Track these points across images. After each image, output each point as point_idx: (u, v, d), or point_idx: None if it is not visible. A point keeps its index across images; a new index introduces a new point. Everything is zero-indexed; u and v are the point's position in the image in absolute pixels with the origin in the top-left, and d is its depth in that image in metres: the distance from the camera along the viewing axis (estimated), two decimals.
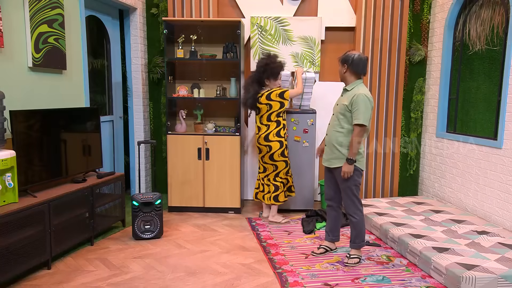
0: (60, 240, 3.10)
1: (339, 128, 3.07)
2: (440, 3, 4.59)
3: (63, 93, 3.60)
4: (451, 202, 4.41)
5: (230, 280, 2.89)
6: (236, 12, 4.83)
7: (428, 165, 4.85)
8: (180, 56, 4.47)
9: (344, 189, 3.12)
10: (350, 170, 3.00)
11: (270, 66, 3.96)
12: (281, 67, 4.03)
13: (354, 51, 3.11)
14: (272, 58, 4.01)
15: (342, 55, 3.11)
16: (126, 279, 2.89)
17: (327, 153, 3.19)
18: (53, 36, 3.38)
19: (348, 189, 3.10)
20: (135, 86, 4.83)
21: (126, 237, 3.73)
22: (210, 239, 3.72)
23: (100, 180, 3.60)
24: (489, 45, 3.97)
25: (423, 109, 4.92)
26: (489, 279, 2.61)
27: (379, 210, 4.08)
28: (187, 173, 4.45)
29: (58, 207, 3.05)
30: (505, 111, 3.60)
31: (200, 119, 4.74)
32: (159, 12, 4.85)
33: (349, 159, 2.99)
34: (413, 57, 4.78)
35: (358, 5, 4.62)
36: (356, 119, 2.95)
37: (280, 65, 4.02)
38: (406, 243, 3.26)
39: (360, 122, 2.93)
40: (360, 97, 2.94)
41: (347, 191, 3.11)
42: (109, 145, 4.69)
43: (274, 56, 4.03)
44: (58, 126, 3.29)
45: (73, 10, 3.70)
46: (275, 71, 3.99)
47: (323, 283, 2.85)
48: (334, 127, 3.11)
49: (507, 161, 3.58)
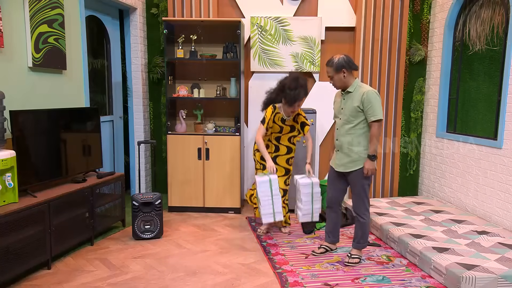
0: (60, 240, 3.10)
1: (352, 130, 3.06)
2: (440, 3, 4.59)
3: (63, 93, 3.60)
4: (451, 202, 4.41)
5: (230, 280, 2.89)
6: (236, 12, 4.83)
7: (428, 165, 4.85)
8: (180, 56, 4.47)
9: (359, 190, 3.11)
10: (373, 167, 3.01)
11: (286, 92, 3.47)
12: (296, 98, 3.44)
13: (335, 55, 3.07)
14: (293, 82, 3.45)
15: (332, 65, 3.03)
16: (126, 279, 2.89)
17: (341, 158, 3.14)
18: (53, 36, 3.38)
19: (362, 189, 3.09)
20: (135, 86, 4.83)
21: (126, 237, 3.73)
22: (210, 239, 3.72)
23: (100, 180, 3.60)
24: (489, 45, 3.97)
25: (423, 109, 4.92)
26: (489, 279, 2.61)
27: (379, 210, 4.08)
28: (187, 173, 4.45)
29: (58, 207, 3.05)
30: (505, 111, 3.60)
31: (200, 119, 4.74)
32: (159, 12, 4.86)
33: (371, 156, 3.00)
34: (413, 57, 4.77)
35: (358, 5, 4.62)
36: (373, 115, 2.97)
37: (296, 95, 3.43)
38: (406, 243, 3.26)
39: (378, 117, 2.96)
40: (370, 93, 2.97)
41: (360, 191, 3.10)
42: (109, 145, 4.69)
43: (295, 82, 3.45)
44: (58, 126, 3.29)
45: (73, 10, 3.70)
46: (289, 98, 3.46)
47: (323, 283, 2.85)
48: (346, 130, 3.08)
49: (507, 161, 3.58)
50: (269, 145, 3.76)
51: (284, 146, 3.74)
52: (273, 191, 3.39)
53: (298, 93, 3.45)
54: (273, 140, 3.74)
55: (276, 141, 3.74)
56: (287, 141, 3.74)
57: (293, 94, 3.44)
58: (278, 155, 3.74)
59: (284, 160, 3.75)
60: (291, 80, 3.49)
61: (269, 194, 3.39)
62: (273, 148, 3.75)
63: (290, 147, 3.75)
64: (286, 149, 3.74)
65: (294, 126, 3.71)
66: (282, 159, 3.74)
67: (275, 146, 3.74)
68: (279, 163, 3.75)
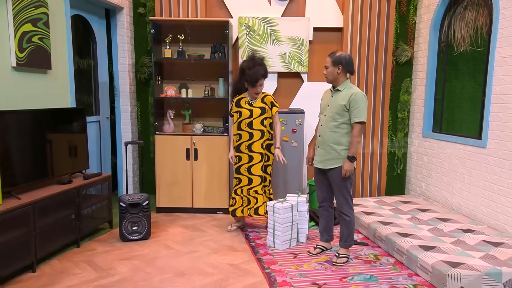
0: (46, 243, 3.05)
1: (335, 129, 3.09)
2: (425, 4, 4.65)
3: (48, 93, 3.55)
4: (437, 201, 4.47)
5: (218, 281, 2.88)
6: (224, 12, 4.81)
7: (415, 165, 4.91)
8: (168, 56, 4.44)
9: (339, 188, 3.13)
10: (351, 168, 3.04)
11: (247, 73, 3.62)
12: (256, 76, 3.59)
13: (341, 51, 3.15)
14: (250, 64, 3.64)
15: (333, 57, 3.10)
16: (113, 281, 2.86)
17: (321, 155, 3.19)
18: (37, 36, 3.33)
19: (344, 188, 3.12)
20: (122, 86, 4.78)
21: (113, 239, 3.69)
22: (198, 239, 3.70)
23: (87, 181, 3.56)
24: (473, 46, 4.03)
25: (409, 109, 4.98)
26: (474, 276, 2.66)
27: (367, 209, 4.11)
28: (175, 174, 4.43)
29: (43, 209, 3.01)
30: (489, 111, 3.66)
31: (188, 119, 4.72)
32: (146, 12, 4.82)
33: (350, 157, 3.02)
34: (400, 58, 4.83)
35: (345, 6, 4.65)
36: (357, 117, 3.00)
37: (255, 73, 3.58)
38: (393, 241, 3.29)
39: (362, 120, 3.00)
40: (359, 95, 3.01)
41: (342, 190, 3.13)
42: (96, 146, 4.64)
43: (252, 62, 3.64)
44: (43, 127, 3.24)
45: (58, 9, 3.65)
46: (249, 79, 3.61)
47: (312, 282, 2.86)
48: (330, 128, 3.11)
49: (491, 160, 3.64)
50: (242, 134, 3.74)
51: (258, 130, 3.72)
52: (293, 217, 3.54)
53: (257, 71, 3.61)
54: (246, 127, 3.73)
55: (248, 128, 3.72)
56: (260, 124, 3.72)
57: (252, 73, 3.60)
58: (253, 142, 3.73)
59: (259, 145, 3.73)
60: (248, 61, 3.69)
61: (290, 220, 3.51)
62: (247, 135, 3.73)
63: (263, 131, 3.73)
64: (260, 134, 3.72)
65: (264, 108, 3.73)
66: (256, 144, 3.73)
67: (248, 134, 3.73)
68: (254, 149, 3.73)
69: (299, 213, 3.60)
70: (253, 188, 3.77)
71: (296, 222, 3.56)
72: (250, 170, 3.76)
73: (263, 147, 3.75)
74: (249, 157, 3.74)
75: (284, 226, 3.45)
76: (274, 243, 3.50)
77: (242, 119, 3.73)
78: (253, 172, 3.75)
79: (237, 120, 3.77)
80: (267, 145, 3.78)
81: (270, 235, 3.53)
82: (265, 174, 3.80)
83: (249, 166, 3.75)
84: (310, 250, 3.41)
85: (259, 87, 3.70)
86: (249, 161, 3.75)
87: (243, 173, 3.78)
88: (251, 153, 3.74)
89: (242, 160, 3.77)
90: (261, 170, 3.76)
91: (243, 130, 3.74)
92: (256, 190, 3.77)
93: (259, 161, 3.75)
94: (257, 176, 3.75)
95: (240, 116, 3.75)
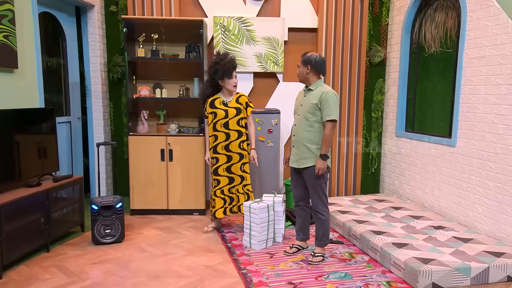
0: (13, 248, 2.94)
1: (308, 128, 3.11)
2: (397, 6, 4.75)
3: (15, 93, 3.41)
4: (410, 199, 4.57)
5: (194, 283, 2.84)
6: (198, 12, 4.77)
7: (389, 164, 5.00)
8: (141, 55, 4.36)
9: (314, 187, 3.15)
10: (324, 166, 3.06)
11: (221, 64, 3.65)
12: (232, 64, 3.69)
13: (313, 52, 3.18)
14: (222, 56, 3.69)
15: (303, 57, 3.16)
16: (85, 286, 2.78)
17: (296, 154, 3.20)
18: (2, 33, 3.20)
19: (319, 186, 3.14)
20: (94, 86, 4.67)
21: (85, 242, 3.59)
22: (173, 241, 3.65)
23: (57, 184, 3.45)
24: (443, 47, 4.14)
25: (383, 109, 5.07)
26: (444, 271, 2.72)
27: (342, 208, 4.16)
28: (150, 175, 4.35)
29: (10, 213, 2.89)
30: (458, 111, 3.77)
31: (163, 120, 4.65)
32: (119, 10, 4.71)
33: (323, 155, 3.04)
34: (373, 58, 4.91)
35: (320, 7, 4.69)
36: (328, 115, 3.03)
37: (231, 61, 3.68)
38: (367, 239, 3.33)
39: (333, 118, 3.02)
40: (329, 94, 3.04)
41: (317, 189, 3.15)
42: (66, 147, 4.50)
43: (224, 54, 3.72)
44: (9, 128, 3.12)
45: (24, 6, 3.52)
46: (226, 69, 3.65)
47: (288, 282, 2.87)
48: (303, 127, 3.14)
49: (461, 158, 3.74)
50: (218, 135, 3.72)
51: (234, 131, 3.71)
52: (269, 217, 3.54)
53: (232, 59, 3.68)
54: (222, 127, 3.71)
55: (225, 128, 3.70)
56: (236, 124, 3.72)
57: (227, 62, 3.63)
58: (230, 142, 3.72)
59: (237, 145, 3.73)
60: (217, 55, 3.72)
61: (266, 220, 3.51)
62: (223, 136, 3.72)
63: (240, 131, 3.73)
64: (237, 134, 3.72)
65: (239, 108, 3.73)
66: (234, 145, 3.73)
67: (225, 134, 3.72)
68: (232, 149, 3.73)
69: (275, 213, 3.60)
70: (234, 186, 3.79)
71: (272, 222, 3.56)
72: (230, 170, 3.75)
73: (240, 147, 3.74)
74: (227, 157, 3.72)
75: (261, 226, 3.44)
76: (251, 243, 3.48)
77: (217, 119, 3.70)
78: (233, 171, 3.76)
79: (212, 121, 3.74)
80: (245, 145, 3.78)
81: (247, 236, 3.51)
82: (244, 173, 3.80)
83: (228, 166, 3.74)
84: (287, 250, 3.41)
85: (235, 78, 3.73)
86: (228, 161, 3.73)
87: (221, 174, 3.76)
88: (229, 153, 3.72)
89: (219, 161, 3.75)
90: (240, 170, 3.76)
91: (219, 131, 3.71)
92: (237, 189, 3.79)
93: (238, 161, 3.74)
94: (237, 176, 3.76)
95: (215, 117, 3.72)
